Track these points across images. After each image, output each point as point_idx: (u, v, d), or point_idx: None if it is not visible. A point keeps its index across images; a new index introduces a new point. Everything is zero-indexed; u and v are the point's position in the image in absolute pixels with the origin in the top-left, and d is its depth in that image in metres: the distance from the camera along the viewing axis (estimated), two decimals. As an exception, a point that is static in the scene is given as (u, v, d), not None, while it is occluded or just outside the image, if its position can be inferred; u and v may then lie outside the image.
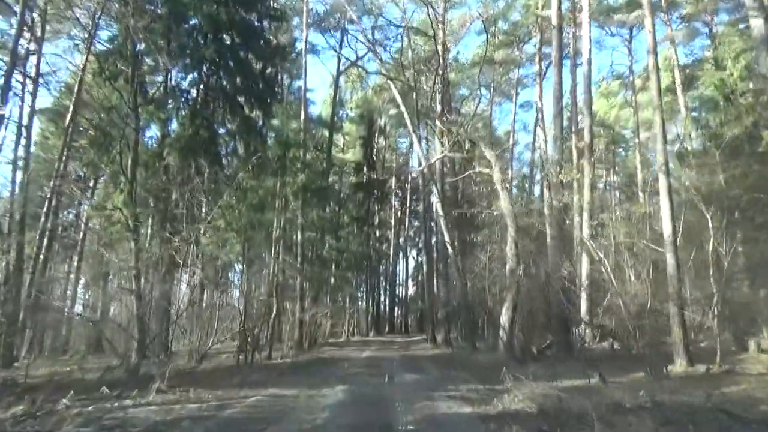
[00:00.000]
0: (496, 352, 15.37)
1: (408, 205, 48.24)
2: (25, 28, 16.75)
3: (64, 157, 20.05)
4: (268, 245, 18.57)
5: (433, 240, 24.59)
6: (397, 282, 49.68)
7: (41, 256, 18.92)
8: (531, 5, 25.22)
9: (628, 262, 13.23)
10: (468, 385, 9.52)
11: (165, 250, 14.97)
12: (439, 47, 22.41)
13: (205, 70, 19.46)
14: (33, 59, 18.77)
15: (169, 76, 19.28)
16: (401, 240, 48.94)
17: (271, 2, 22.45)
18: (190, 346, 14.66)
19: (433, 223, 25.11)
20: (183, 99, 19.88)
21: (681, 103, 22.46)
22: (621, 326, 12.23)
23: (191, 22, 19.17)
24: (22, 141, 17.60)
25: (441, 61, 22.43)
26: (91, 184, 27.74)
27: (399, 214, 47.24)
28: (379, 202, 39.00)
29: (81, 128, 23.29)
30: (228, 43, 19.55)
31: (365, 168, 36.78)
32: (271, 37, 23.11)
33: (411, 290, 52.25)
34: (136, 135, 15.15)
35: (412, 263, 52.40)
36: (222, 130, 19.79)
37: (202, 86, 19.53)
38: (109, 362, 12.18)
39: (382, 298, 43.23)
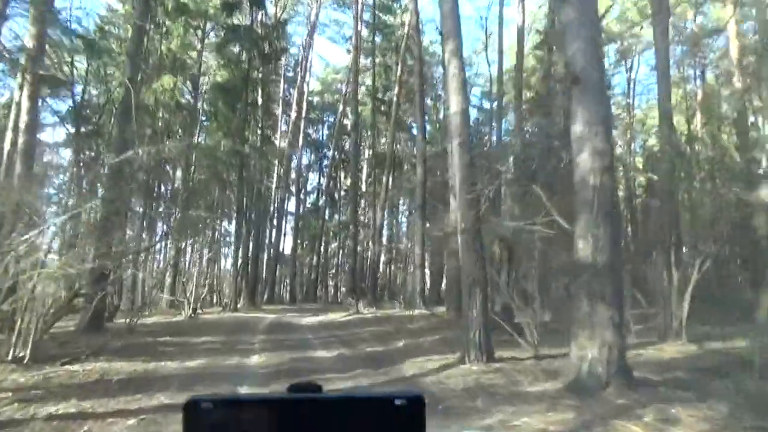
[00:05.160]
0: None
1: (303, 125, 32.41)
2: None
3: None
4: None
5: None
6: (282, 233, 34.05)
7: None
8: None
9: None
10: None
11: None
12: None
13: None
14: None
15: None
16: (292, 170, 33.29)
17: None
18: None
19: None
20: None
21: None
22: None
23: None
24: None
25: None
26: None
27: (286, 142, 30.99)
28: (267, 63, 21.91)
29: None
30: None
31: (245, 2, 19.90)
32: None
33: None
34: None
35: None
36: None
37: None
38: None
39: (259, 252, 26.82)
